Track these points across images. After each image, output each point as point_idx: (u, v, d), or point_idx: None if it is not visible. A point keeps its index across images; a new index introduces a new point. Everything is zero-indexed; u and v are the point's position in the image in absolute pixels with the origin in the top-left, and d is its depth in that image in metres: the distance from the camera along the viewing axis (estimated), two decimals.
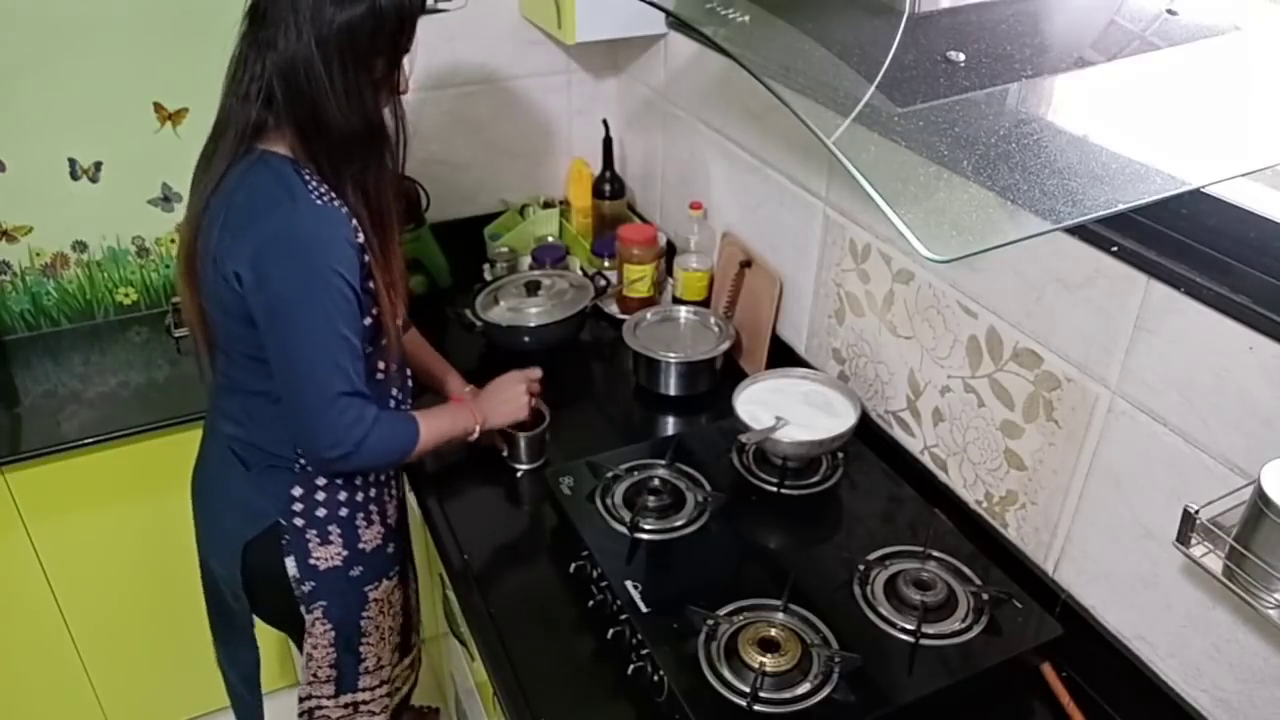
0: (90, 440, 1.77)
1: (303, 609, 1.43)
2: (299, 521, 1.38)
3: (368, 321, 1.29)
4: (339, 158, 1.22)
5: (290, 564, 1.39)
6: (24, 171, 1.92)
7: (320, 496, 1.39)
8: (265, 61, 1.17)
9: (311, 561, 1.40)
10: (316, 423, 1.24)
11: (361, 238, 1.24)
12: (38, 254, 2.00)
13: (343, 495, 1.40)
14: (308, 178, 1.21)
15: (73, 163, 1.95)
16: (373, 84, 1.21)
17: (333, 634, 1.46)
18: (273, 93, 1.18)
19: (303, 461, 1.36)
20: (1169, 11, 1.00)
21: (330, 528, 1.40)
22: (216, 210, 1.22)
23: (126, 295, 2.12)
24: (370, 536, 1.45)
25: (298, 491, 1.37)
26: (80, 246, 2.03)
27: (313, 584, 1.41)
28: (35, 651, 1.96)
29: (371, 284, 1.27)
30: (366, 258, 1.24)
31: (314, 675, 1.50)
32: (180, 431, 1.83)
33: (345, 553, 1.42)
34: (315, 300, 1.20)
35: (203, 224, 1.23)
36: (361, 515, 1.43)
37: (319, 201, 1.20)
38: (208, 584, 1.54)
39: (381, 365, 1.36)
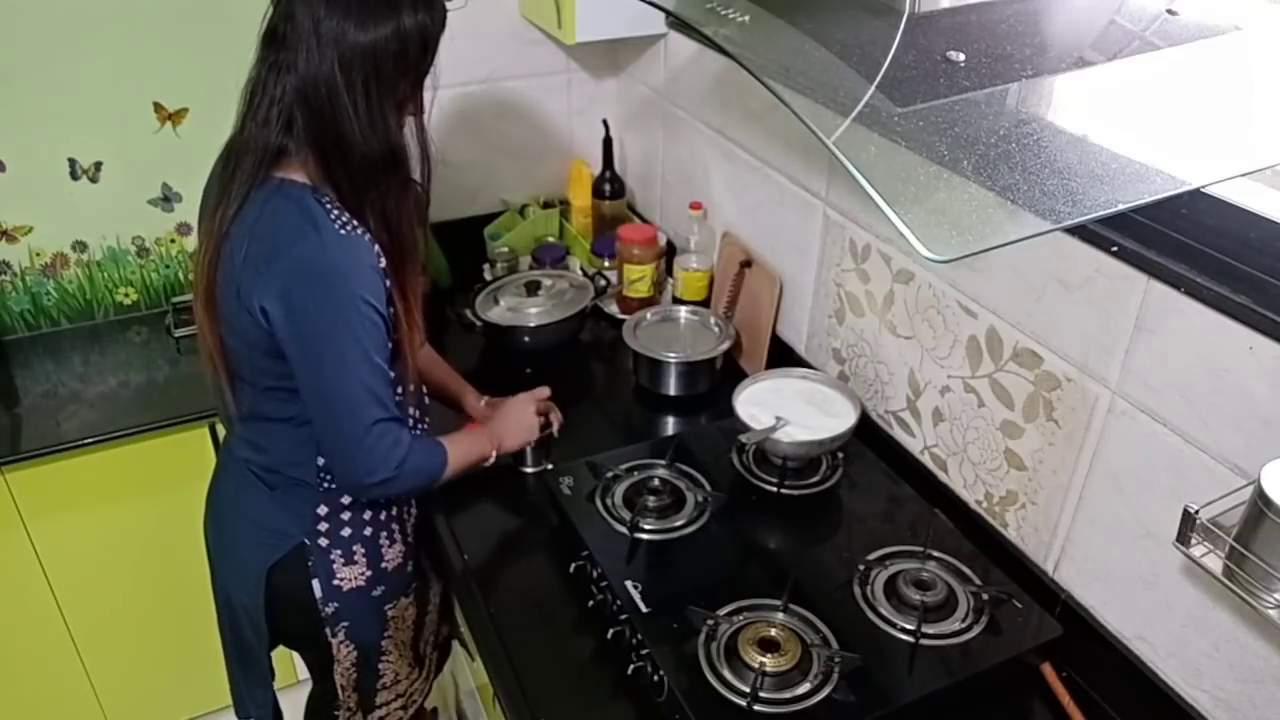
0: (90, 440, 1.77)
1: (326, 631, 1.42)
2: (323, 542, 1.37)
3: (389, 345, 1.27)
4: (360, 183, 1.20)
5: (316, 586, 1.38)
6: (24, 171, 1.92)
7: (345, 516, 1.38)
8: (285, 85, 1.15)
9: (335, 582, 1.39)
10: (355, 450, 1.23)
11: (384, 263, 1.22)
12: (38, 254, 2.00)
13: (367, 514, 1.40)
14: (329, 206, 1.19)
15: (73, 163, 1.95)
16: (395, 107, 1.20)
17: (355, 654, 1.46)
18: (293, 117, 1.16)
19: (328, 483, 1.35)
20: (1169, 11, 1.00)
21: (355, 547, 1.39)
22: (238, 241, 1.19)
23: (126, 295, 2.12)
24: (392, 556, 1.44)
25: (323, 510, 1.36)
26: (80, 246, 2.03)
27: (336, 605, 1.40)
28: (35, 651, 1.96)
29: (392, 309, 1.26)
30: (388, 283, 1.23)
31: (339, 694, 1.50)
32: (180, 431, 1.83)
33: (369, 573, 1.41)
34: (347, 330, 1.18)
35: (222, 254, 1.21)
36: (385, 534, 1.42)
37: (342, 231, 1.18)
38: (226, 621, 1.50)
39: (399, 388, 1.34)
